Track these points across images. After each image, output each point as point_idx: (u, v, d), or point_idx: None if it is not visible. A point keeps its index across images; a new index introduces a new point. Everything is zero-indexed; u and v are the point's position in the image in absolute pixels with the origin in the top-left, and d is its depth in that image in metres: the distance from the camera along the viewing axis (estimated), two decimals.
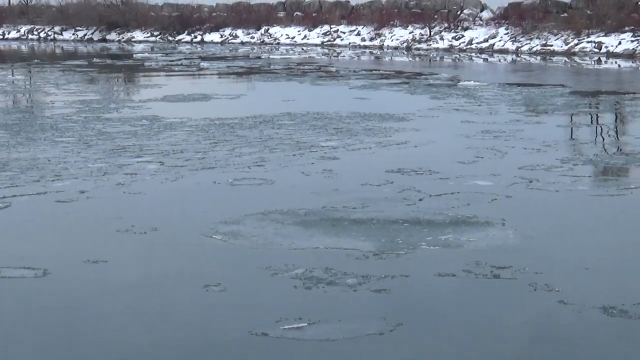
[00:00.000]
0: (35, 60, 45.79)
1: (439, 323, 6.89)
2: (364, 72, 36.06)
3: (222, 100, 24.61)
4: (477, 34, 58.30)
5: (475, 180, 12.28)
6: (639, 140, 15.93)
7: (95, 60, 45.72)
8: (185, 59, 46.79)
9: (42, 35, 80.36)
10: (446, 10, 62.96)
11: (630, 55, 45.92)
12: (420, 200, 11.03)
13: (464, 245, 8.92)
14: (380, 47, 60.64)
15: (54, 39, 78.04)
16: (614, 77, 34.41)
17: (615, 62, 42.23)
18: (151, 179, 12.69)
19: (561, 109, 21.61)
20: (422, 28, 61.38)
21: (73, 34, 78.02)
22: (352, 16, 66.64)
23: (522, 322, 6.92)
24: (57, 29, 79.50)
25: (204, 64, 41.53)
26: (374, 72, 36.06)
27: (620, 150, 14.97)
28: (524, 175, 12.67)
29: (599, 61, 43.73)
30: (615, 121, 19.25)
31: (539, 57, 48.09)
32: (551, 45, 51.98)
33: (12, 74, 35.03)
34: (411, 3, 65.65)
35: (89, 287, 7.93)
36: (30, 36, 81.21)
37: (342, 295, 7.49)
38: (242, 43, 67.68)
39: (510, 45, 54.53)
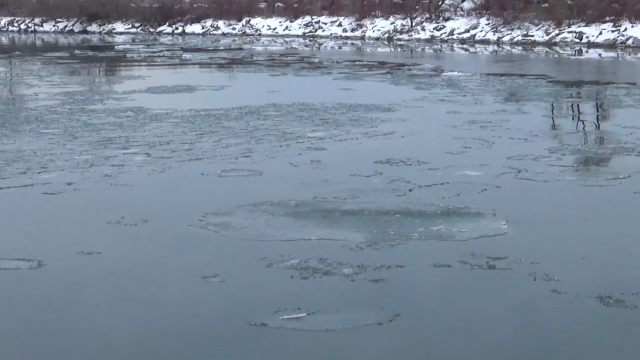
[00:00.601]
0: (17, 52, 45.54)
1: (437, 313, 6.91)
2: (347, 63, 36.02)
3: (206, 92, 24.55)
4: (458, 25, 58.28)
5: (464, 170, 12.30)
6: (625, 129, 15.95)
7: (76, 52, 45.49)
8: (167, 50, 46.63)
9: (23, 27, 79.88)
10: (427, 1, 62.89)
11: (610, 45, 46.03)
12: (410, 190, 11.04)
13: (455, 236, 8.93)
14: (362, 38, 60.56)
15: (35, 31, 77.58)
16: (595, 67, 34.51)
17: (596, 52, 42.32)
18: (138, 171, 12.66)
19: (546, 99, 21.66)
20: (404, 19, 61.31)
21: (53, 26, 77.58)
22: (334, 7, 66.50)
23: (520, 311, 6.95)
24: (37, 20, 79.05)
25: (186, 56, 41.41)
26: (356, 62, 36.02)
27: (607, 139, 15.02)
28: (512, 165, 12.69)
29: (579, 51, 43.82)
30: (600, 111, 19.32)
31: (520, 48, 48.17)
32: (532, 36, 52.02)
33: None
34: None
35: (87, 278, 7.92)
36: (10, 28, 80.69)
37: (340, 286, 7.50)
38: (224, 34, 67.47)
39: (491, 36, 54.54)
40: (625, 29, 47.58)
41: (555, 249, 8.58)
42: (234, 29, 68.12)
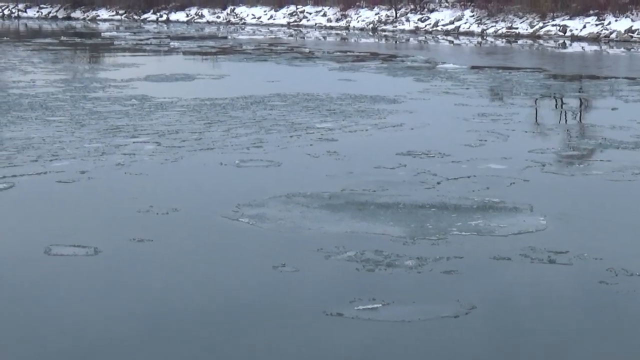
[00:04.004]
0: (5, 38, 45.14)
1: (515, 307, 6.82)
2: (338, 53, 35.93)
3: (206, 81, 24.40)
4: (442, 16, 58.33)
5: (488, 163, 12.22)
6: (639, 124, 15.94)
7: (63, 38, 45.19)
8: (154, 38, 46.40)
9: (6, 12, 79.25)
10: None
11: (594, 39, 46.16)
12: (438, 183, 10.95)
13: (495, 231, 8.84)
14: (347, 28, 60.51)
15: (18, 17, 76.99)
16: (589, 61, 34.57)
17: (580, 46, 42.38)
18: (150, 160, 12.55)
19: (549, 92, 21.65)
20: (388, 9, 61.32)
21: (37, 12, 77.03)
22: None
23: (604, 305, 6.87)
24: (21, 6, 78.43)
25: (174, 44, 41.19)
26: (348, 53, 35.93)
27: (622, 133, 14.95)
28: (535, 158, 12.63)
29: (563, 44, 43.89)
30: (608, 105, 19.25)
31: (504, 40, 48.21)
32: (516, 28, 52.12)
33: None
34: None
35: (153, 265, 7.93)
36: None
37: (408, 277, 7.43)
38: (208, 22, 67.22)
39: (475, 28, 54.61)
40: (609, 23, 47.74)
41: (609, 244, 8.47)
42: (218, 17, 67.89)
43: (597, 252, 8.08)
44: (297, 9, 65.44)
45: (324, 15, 63.72)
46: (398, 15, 60.34)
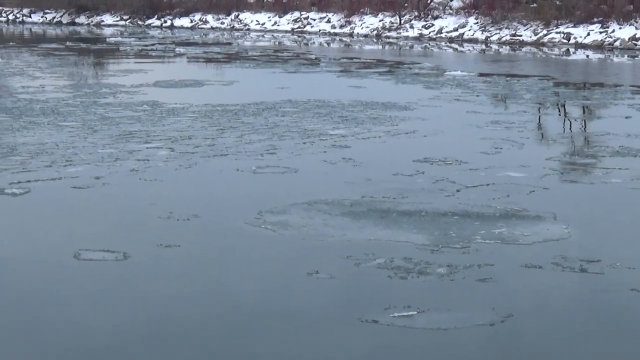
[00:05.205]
0: (11, 43, 45.11)
1: (550, 315, 6.79)
2: (344, 60, 35.87)
3: (216, 87, 24.37)
4: (447, 23, 58.25)
5: (506, 171, 12.19)
6: None
7: (69, 44, 45.09)
8: (159, 44, 46.32)
9: (11, 17, 79.18)
10: None
11: (598, 47, 46.09)
12: (457, 191, 10.93)
13: (519, 240, 8.80)
14: (351, 35, 60.43)
15: (23, 22, 76.92)
16: (595, 69, 34.54)
17: (584, 53, 42.34)
18: (165, 166, 12.53)
19: (560, 100, 21.63)
20: (392, 16, 61.24)
21: (42, 17, 76.94)
22: (323, 3, 66.31)
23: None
24: (25, 11, 78.36)
25: (180, 50, 41.14)
26: (354, 60, 35.86)
27: (638, 142, 14.90)
28: (552, 166, 12.61)
29: (567, 52, 43.83)
30: (621, 113, 19.18)
31: (508, 47, 48.15)
32: (520, 36, 52.04)
33: None
34: None
35: (185, 270, 7.92)
36: None
37: (441, 285, 7.42)
38: (212, 28, 67.16)
39: (479, 35, 54.53)
40: (613, 31, 47.68)
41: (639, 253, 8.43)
42: (222, 23, 67.84)
43: (628, 261, 8.05)
44: (301, 15, 65.39)
45: (328, 21, 63.67)
46: (402, 22, 60.30)
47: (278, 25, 65.25)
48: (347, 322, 6.62)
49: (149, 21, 70.39)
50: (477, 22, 56.52)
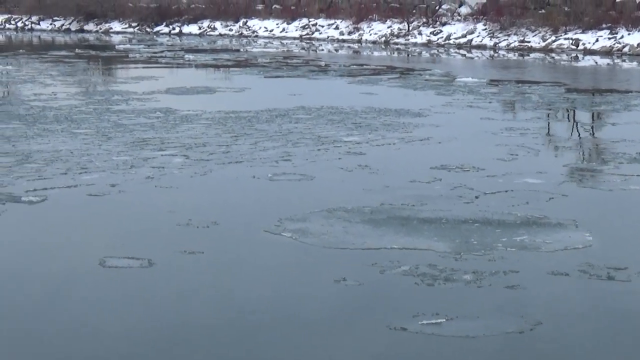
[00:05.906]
0: (21, 51, 45.13)
1: (579, 323, 6.75)
2: (354, 66, 35.84)
3: (228, 94, 24.34)
4: (455, 29, 58.19)
5: (524, 178, 12.15)
6: None
7: (78, 51, 45.09)
8: (168, 51, 46.33)
9: (20, 25, 79.22)
10: (425, 5, 62.78)
11: (607, 53, 46.01)
12: (476, 197, 10.90)
13: (541, 247, 8.76)
14: (359, 42, 60.41)
15: (32, 29, 76.94)
16: (605, 75, 34.48)
17: (593, 59, 42.27)
18: (180, 173, 12.52)
19: (573, 106, 21.54)
20: (401, 23, 61.21)
21: (50, 24, 76.95)
22: (331, 10, 66.30)
23: None
24: (34, 18, 78.34)
25: (189, 57, 41.11)
26: (364, 66, 35.83)
27: None
28: (571, 173, 12.55)
29: (576, 58, 43.76)
30: (635, 119, 19.10)
31: (516, 53, 48.10)
32: (529, 42, 51.98)
33: (2, 64, 34.35)
34: None
35: (210, 277, 7.93)
36: (7, 25, 79.92)
37: (468, 291, 7.39)
38: (221, 35, 67.17)
39: (488, 41, 54.47)
40: (622, 37, 47.61)
41: None
42: (230, 30, 67.86)
43: None
44: (309, 22, 65.39)
45: (337, 28, 63.65)
46: (410, 28, 60.29)
47: (286, 32, 65.25)
48: (376, 329, 6.60)
49: (158, 28, 70.39)
50: (485, 29, 56.46)
